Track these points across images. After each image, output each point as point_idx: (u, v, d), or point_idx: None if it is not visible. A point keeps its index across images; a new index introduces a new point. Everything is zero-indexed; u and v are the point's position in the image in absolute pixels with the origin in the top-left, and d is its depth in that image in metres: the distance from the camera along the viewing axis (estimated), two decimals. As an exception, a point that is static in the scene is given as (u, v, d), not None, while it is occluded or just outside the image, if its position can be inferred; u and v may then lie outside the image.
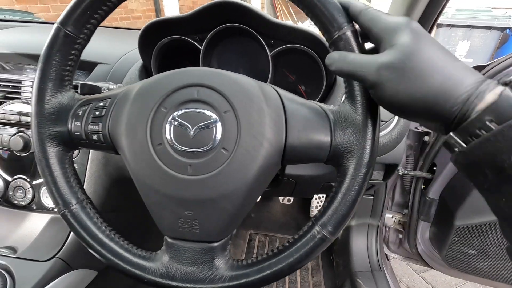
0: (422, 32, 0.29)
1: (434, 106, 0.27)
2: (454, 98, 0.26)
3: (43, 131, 0.40)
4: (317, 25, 0.36)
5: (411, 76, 0.27)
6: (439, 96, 0.27)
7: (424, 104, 0.27)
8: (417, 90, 0.27)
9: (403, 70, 0.28)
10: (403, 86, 0.28)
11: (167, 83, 0.38)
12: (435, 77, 0.27)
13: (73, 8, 0.38)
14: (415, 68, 0.27)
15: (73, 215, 0.40)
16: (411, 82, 0.27)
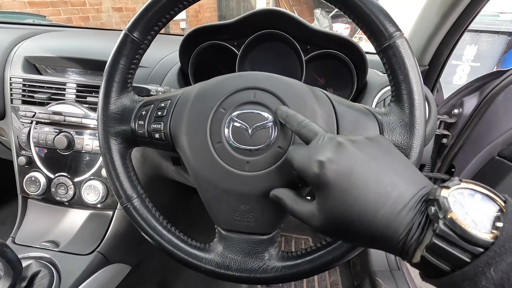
0: (335, 174, 0.29)
1: (380, 238, 0.27)
2: (393, 243, 0.26)
3: (108, 129, 0.43)
4: (366, 33, 0.39)
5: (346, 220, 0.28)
6: (382, 235, 0.27)
7: (370, 236, 0.28)
8: (357, 230, 0.28)
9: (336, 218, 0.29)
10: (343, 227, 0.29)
11: (225, 86, 0.41)
12: (363, 225, 0.27)
13: (140, 16, 0.41)
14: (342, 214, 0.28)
15: (135, 208, 0.43)
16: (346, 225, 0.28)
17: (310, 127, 0.34)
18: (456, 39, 0.62)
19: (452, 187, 0.25)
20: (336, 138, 0.31)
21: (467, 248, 0.23)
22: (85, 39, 0.83)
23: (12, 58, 0.74)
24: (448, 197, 0.24)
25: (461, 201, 0.25)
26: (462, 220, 0.23)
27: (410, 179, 0.28)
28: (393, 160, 0.30)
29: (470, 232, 0.22)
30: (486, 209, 0.24)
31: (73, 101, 0.69)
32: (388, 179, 0.28)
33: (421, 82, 0.38)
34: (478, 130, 0.87)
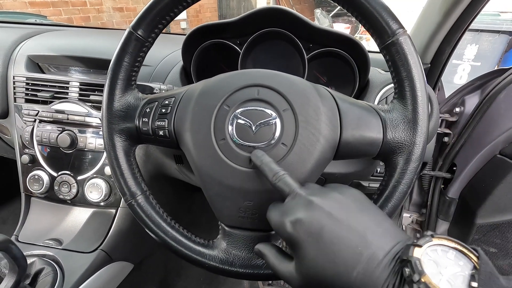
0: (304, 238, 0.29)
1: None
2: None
3: (113, 126, 0.43)
4: (369, 31, 0.39)
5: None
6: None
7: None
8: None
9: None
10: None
11: (229, 83, 0.41)
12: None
13: (144, 14, 0.41)
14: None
15: (139, 205, 0.43)
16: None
17: (285, 181, 0.34)
18: (458, 37, 0.62)
19: (424, 245, 0.25)
20: (307, 196, 0.31)
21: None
22: (87, 38, 0.83)
23: (15, 57, 0.74)
24: (421, 257, 0.24)
25: (435, 259, 0.24)
26: (435, 283, 0.22)
27: (383, 235, 0.28)
28: (366, 216, 0.30)
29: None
30: (460, 268, 0.24)
31: (76, 99, 0.69)
32: (359, 237, 0.27)
33: (424, 79, 0.38)
34: (479, 128, 0.87)
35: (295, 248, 0.30)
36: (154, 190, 0.46)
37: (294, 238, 0.29)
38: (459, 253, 0.24)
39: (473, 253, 0.24)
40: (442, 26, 0.59)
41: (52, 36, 0.83)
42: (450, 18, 0.56)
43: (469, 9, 0.54)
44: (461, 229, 0.96)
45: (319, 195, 0.31)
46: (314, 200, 0.30)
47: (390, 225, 0.29)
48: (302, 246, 0.29)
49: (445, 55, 0.67)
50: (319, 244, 0.28)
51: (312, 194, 0.31)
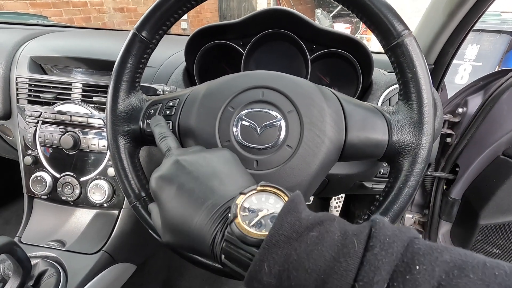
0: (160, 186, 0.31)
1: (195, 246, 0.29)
2: (206, 250, 0.28)
3: (117, 128, 0.43)
4: (374, 32, 0.39)
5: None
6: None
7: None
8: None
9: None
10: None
11: (233, 85, 0.41)
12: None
13: (148, 16, 0.41)
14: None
15: (144, 207, 0.43)
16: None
17: (166, 142, 0.37)
18: (462, 38, 0.62)
19: (248, 193, 0.27)
20: (175, 156, 0.33)
21: (248, 250, 0.24)
22: (90, 39, 0.83)
23: (18, 58, 0.74)
24: (242, 202, 0.26)
25: (257, 204, 0.26)
26: (244, 225, 0.25)
27: (228, 186, 0.30)
28: (220, 170, 0.32)
29: (246, 235, 0.24)
30: (274, 209, 0.26)
31: (79, 100, 0.69)
32: (206, 189, 0.29)
33: (429, 80, 0.38)
34: (482, 129, 0.87)
35: (157, 203, 0.32)
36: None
37: (154, 192, 0.32)
38: (277, 197, 0.27)
39: (287, 195, 0.27)
40: (446, 26, 0.59)
41: (54, 37, 0.83)
42: (455, 18, 0.56)
43: (474, 10, 0.54)
44: (464, 230, 0.96)
45: (186, 154, 0.34)
46: (179, 158, 0.33)
47: (244, 180, 0.32)
48: (159, 200, 0.31)
49: (449, 56, 0.67)
50: (170, 196, 0.30)
51: (181, 153, 0.34)
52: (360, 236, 0.22)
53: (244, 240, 0.24)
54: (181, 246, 0.31)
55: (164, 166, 0.33)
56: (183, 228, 0.29)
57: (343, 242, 0.22)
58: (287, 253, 0.22)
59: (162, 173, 0.32)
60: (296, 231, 0.23)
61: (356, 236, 0.22)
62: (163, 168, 0.33)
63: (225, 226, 0.27)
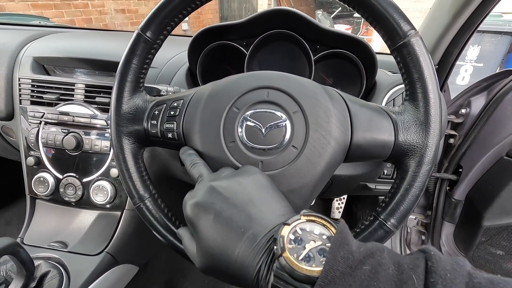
0: (197, 214, 0.31)
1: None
2: (249, 283, 0.27)
3: (121, 129, 0.43)
4: (380, 32, 0.39)
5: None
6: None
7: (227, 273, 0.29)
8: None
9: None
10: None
11: (238, 85, 0.41)
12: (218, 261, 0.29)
13: (152, 16, 0.41)
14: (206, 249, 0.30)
15: (147, 208, 0.43)
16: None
17: (198, 168, 0.37)
18: (466, 38, 0.62)
19: (292, 223, 0.26)
20: (209, 182, 0.33)
21: (300, 286, 0.23)
22: (92, 40, 0.83)
23: (20, 59, 0.74)
24: (288, 234, 0.25)
25: (302, 235, 0.25)
26: (293, 259, 0.24)
27: (267, 215, 0.29)
28: (258, 197, 0.31)
29: (297, 271, 0.23)
30: (321, 240, 0.25)
31: (82, 101, 0.69)
32: (245, 218, 0.29)
33: (436, 80, 0.37)
34: (486, 130, 0.86)
35: (193, 230, 0.32)
36: (159, 191, 0.46)
37: (190, 220, 0.31)
38: (323, 227, 0.26)
39: (333, 226, 0.26)
40: (450, 27, 0.59)
41: (57, 38, 0.83)
42: (459, 19, 0.56)
43: (479, 10, 0.54)
44: (468, 232, 0.95)
45: (219, 179, 0.33)
46: (213, 184, 0.32)
47: (281, 206, 0.31)
48: (196, 227, 0.31)
49: (453, 57, 0.67)
50: (208, 225, 0.29)
51: (214, 179, 0.33)
52: (417, 271, 0.22)
53: (295, 276, 0.24)
54: (219, 275, 0.30)
55: (198, 193, 0.32)
56: (223, 259, 0.28)
57: (400, 277, 0.21)
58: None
59: (198, 200, 0.31)
60: (349, 265, 0.22)
61: (413, 270, 0.22)
62: (198, 195, 0.32)
63: (271, 259, 0.26)
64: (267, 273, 0.26)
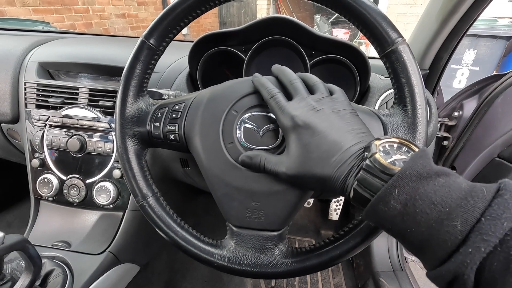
0: (302, 127, 0.36)
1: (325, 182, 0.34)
2: (338, 183, 0.33)
3: (125, 131, 0.45)
4: (370, 39, 0.41)
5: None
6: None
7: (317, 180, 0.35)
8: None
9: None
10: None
11: (236, 89, 0.43)
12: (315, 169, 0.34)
13: (156, 24, 0.43)
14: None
15: (150, 207, 0.45)
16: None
17: (295, 85, 0.40)
18: (455, 44, 0.64)
19: (384, 139, 0.32)
20: (311, 101, 0.37)
21: (382, 177, 0.28)
22: (95, 46, 0.86)
23: (26, 64, 0.77)
24: (378, 145, 0.31)
25: (389, 149, 0.31)
26: (382, 158, 0.29)
27: (361, 136, 0.34)
28: (352, 122, 0.36)
29: (385, 165, 0.28)
30: (406, 156, 0.30)
31: (86, 105, 0.71)
32: (343, 135, 0.34)
33: (422, 85, 0.40)
34: (477, 132, 0.89)
35: (289, 137, 0.37)
36: (161, 192, 0.48)
37: (289, 128, 0.36)
38: (409, 148, 0.31)
39: (417, 147, 0.31)
40: (439, 34, 0.62)
41: (61, 44, 0.85)
42: (447, 26, 0.59)
43: (465, 18, 0.57)
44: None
45: (320, 102, 0.37)
46: (315, 105, 0.37)
47: (367, 131, 0.36)
48: (295, 135, 0.36)
49: (443, 61, 0.69)
50: (310, 135, 0.35)
51: (314, 100, 0.37)
52: (489, 188, 0.24)
53: (382, 170, 0.28)
54: (305, 178, 0.35)
55: (302, 110, 0.36)
56: (321, 163, 0.33)
57: (471, 189, 0.24)
58: (416, 186, 0.26)
59: (301, 112, 0.36)
60: (427, 171, 0.26)
61: (485, 187, 0.24)
62: (302, 111, 0.36)
63: (361, 162, 0.31)
64: (357, 172, 0.31)
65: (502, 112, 0.83)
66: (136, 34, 4.66)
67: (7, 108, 0.76)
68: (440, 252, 0.24)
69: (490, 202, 0.23)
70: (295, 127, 0.36)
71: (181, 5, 0.42)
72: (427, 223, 0.24)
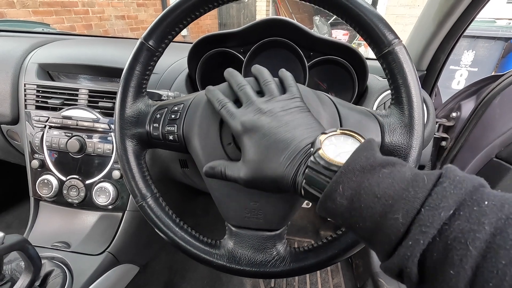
0: (251, 129, 0.36)
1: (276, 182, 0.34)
2: (290, 182, 0.33)
3: (125, 131, 0.45)
4: (367, 41, 0.42)
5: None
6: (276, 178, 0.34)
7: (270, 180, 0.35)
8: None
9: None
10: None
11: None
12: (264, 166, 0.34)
13: (155, 26, 0.44)
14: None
15: (149, 207, 0.45)
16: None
17: (244, 91, 0.40)
18: (452, 45, 0.65)
19: (329, 133, 0.31)
20: (258, 104, 0.37)
21: (327, 174, 0.28)
22: (95, 47, 0.86)
23: (26, 66, 0.77)
24: (324, 140, 0.31)
25: (335, 143, 0.31)
26: (326, 154, 0.29)
27: (309, 130, 0.34)
28: (300, 117, 0.36)
29: (328, 161, 0.28)
30: (352, 148, 0.29)
31: (85, 106, 0.71)
32: (291, 132, 0.34)
33: (419, 86, 0.40)
34: (475, 132, 0.89)
35: (241, 142, 0.37)
36: (160, 192, 0.48)
37: (240, 133, 0.37)
38: (355, 140, 0.31)
39: (363, 138, 0.30)
40: (436, 35, 0.62)
41: (61, 45, 0.86)
42: (444, 28, 0.59)
43: (461, 19, 0.57)
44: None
45: (268, 103, 0.38)
46: (263, 107, 0.37)
47: (318, 125, 0.36)
48: (246, 139, 0.36)
49: (440, 62, 0.70)
50: (259, 136, 0.35)
51: (262, 102, 0.38)
52: (430, 176, 0.24)
53: (325, 166, 0.28)
54: (262, 183, 0.35)
55: (249, 114, 0.37)
56: (271, 162, 0.33)
57: (413, 178, 0.24)
58: (360, 180, 0.26)
59: (249, 118, 0.36)
60: (370, 164, 0.26)
61: (427, 175, 0.24)
62: (248, 114, 0.37)
63: (307, 159, 0.31)
64: (304, 170, 0.30)
65: (500, 113, 0.83)
66: (135, 36, 4.67)
67: (7, 109, 0.76)
68: (386, 245, 0.24)
69: (430, 191, 0.23)
70: (245, 131, 0.36)
71: (180, 6, 0.42)
72: (372, 218, 0.24)
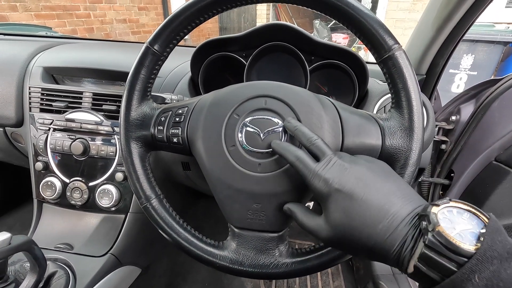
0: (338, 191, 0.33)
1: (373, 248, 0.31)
2: (390, 254, 0.29)
3: (130, 134, 0.46)
4: (368, 46, 0.43)
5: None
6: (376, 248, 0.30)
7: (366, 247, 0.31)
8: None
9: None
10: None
11: (238, 94, 0.45)
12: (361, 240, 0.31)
13: (160, 31, 0.45)
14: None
15: (154, 208, 0.46)
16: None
17: (318, 145, 0.38)
18: (451, 50, 0.66)
19: (442, 205, 0.28)
20: (341, 162, 0.35)
21: (453, 258, 0.25)
22: (99, 51, 0.87)
23: (31, 69, 0.78)
24: (438, 213, 0.27)
25: (449, 217, 0.27)
26: (448, 233, 0.26)
27: (406, 198, 0.31)
28: (391, 182, 0.34)
29: (455, 243, 0.25)
30: (471, 225, 0.27)
31: (89, 109, 0.72)
32: (386, 198, 0.31)
33: (418, 90, 0.41)
34: (475, 136, 0.90)
35: (327, 203, 0.34)
36: (163, 194, 0.49)
37: (325, 193, 0.34)
38: (472, 215, 0.27)
39: (485, 216, 0.27)
40: (435, 40, 0.63)
41: (65, 49, 0.87)
42: (443, 33, 0.60)
43: (460, 25, 0.58)
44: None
45: (351, 161, 0.36)
46: (346, 165, 0.35)
47: (413, 192, 0.33)
48: (333, 200, 0.33)
49: (439, 67, 0.71)
50: (350, 200, 0.32)
51: (344, 160, 0.36)
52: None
53: (449, 247, 0.25)
54: (349, 246, 0.33)
55: (331, 171, 0.34)
56: (365, 231, 0.31)
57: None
58: (497, 269, 0.23)
59: (335, 176, 0.34)
60: (507, 251, 0.24)
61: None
62: (332, 172, 0.34)
63: (418, 233, 0.28)
64: (414, 245, 0.28)
65: (499, 116, 0.84)
66: (137, 39, 4.69)
67: (11, 112, 0.77)
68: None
69: None
70: (331, 191, 0.33)
71: (185, 12, 0.43)
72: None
